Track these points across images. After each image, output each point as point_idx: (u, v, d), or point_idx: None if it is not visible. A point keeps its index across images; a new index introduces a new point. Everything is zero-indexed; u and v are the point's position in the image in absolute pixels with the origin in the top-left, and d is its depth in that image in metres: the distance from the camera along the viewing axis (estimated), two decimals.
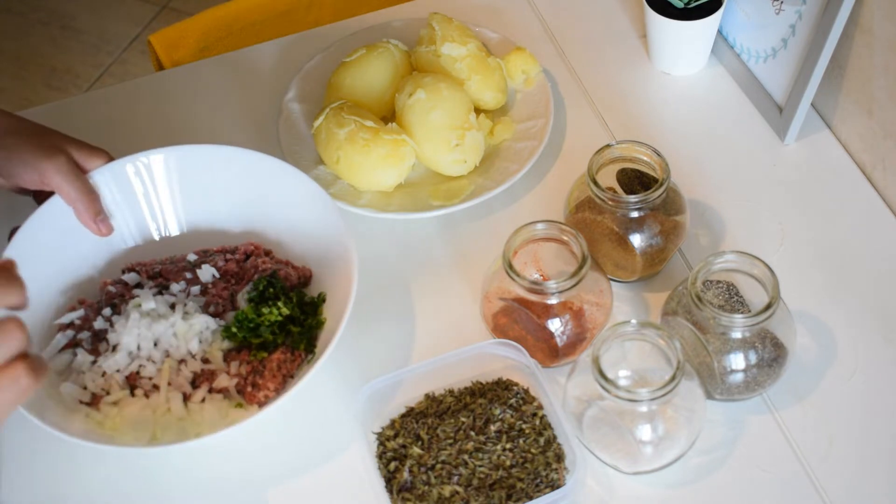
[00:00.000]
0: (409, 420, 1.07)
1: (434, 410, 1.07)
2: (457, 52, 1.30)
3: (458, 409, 1.07)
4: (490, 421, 1.06)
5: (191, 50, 1.55)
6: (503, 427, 1.05)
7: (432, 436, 1.05)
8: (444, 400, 1.08)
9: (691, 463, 1.07)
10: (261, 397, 1.08)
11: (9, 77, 2.63)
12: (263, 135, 1.33)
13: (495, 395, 1.08)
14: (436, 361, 1.10)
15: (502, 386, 1.09)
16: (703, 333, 1.06)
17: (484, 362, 1.11)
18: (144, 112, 1.38)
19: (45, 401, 1.05)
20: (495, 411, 1.06)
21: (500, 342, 1.11)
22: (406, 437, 1.05)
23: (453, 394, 1.09)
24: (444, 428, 1.05)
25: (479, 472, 1.03)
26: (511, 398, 1.07)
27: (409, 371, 1.10)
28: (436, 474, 1.03)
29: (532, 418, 1.06)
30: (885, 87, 1.20)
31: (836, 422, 1.09)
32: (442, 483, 1.02)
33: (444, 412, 1.07)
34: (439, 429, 1.06)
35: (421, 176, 1.29)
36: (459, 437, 1.05)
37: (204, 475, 1.08)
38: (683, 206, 1.17)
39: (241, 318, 1.11)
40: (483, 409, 1.06)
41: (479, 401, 1.07)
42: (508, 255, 1.09)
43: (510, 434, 1.05)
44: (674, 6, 1.32)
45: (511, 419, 1.06)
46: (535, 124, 1.30)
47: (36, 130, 1.15)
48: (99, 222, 1.15)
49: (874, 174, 1.26)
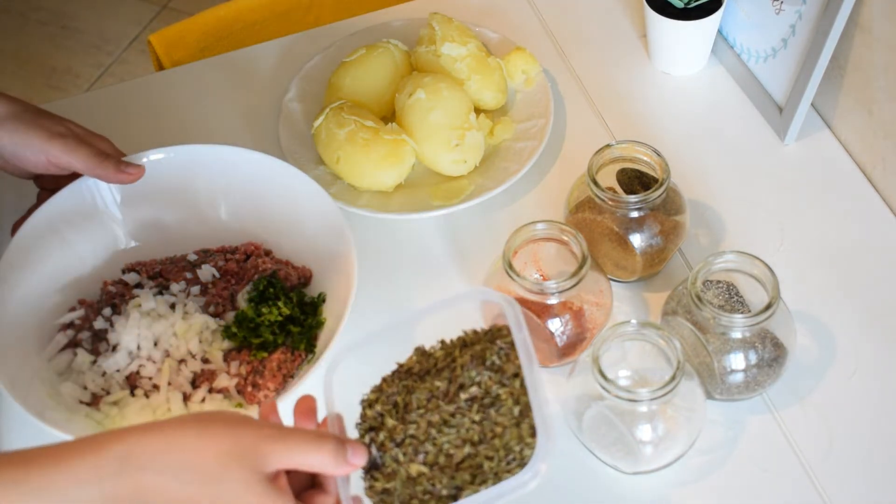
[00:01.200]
0: (394, 381, 0.95)
1: (420, 369, 0.95)
2: (457, 52, 1.30)
3: (442, 369, 0.95)
4: (464, 387, 0.93)
5: (191, 50, 1.55)
6: (478, 393, 0.92)
7: (407, 402, 0.94)
8: (434, 354, 0.96)
9: (691, 463, 1.07)
10: (261, 397, 1.08)
11: (9, 77, 2.63)
12: (263, 135, 1.33)
13: (481, 350, 0.94)
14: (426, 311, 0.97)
15: (492, 336, 0.95)
16: (703, 333, 1.06)
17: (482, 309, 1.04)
18: (144, 112, 1.38)
19: (45, 401, 1.05)
20: (472, 373, 0.93)
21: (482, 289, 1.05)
22: (385, 405, 0.94)
23: (444, 346, 0.97)
24: (418, 394, 0.94)
25: (445, 449, 0.91)
26: (493, 355, 0.94)
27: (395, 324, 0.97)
28: (403, 451, 0.92)
29: (513, 379, 0.92)
30: (885, 87, 1.20)
31: (836, 422, 1.09)
32: (410, 461, 0.91)
33: (426, 372, 0.95)
34: (413, 394, 0.94)
35: (421, 176, 1.29)
36: (430, 407, 0.93)
37: None
38: (683, 206, 1.17)
39: (241, 318, 1.11)
40: (461, 371, 0.93)
41: (464, 357, 0.94)
42: (508, 255, 1.09)
43: (483, 402, 0.92)
44: (674, 6, 1.32)
45: (489, 382, 0.93)
46: (535, 124, 1.30)
47: (39, 113, 1.15)
48: (125, 172, 1.14)
49: (874, 174, 1.26)
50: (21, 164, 1.14)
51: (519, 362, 0.93)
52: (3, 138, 1.12)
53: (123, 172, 1.14)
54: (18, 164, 1.14)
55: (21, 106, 1.14)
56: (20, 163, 1.13)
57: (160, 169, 1.19)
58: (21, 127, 1.12)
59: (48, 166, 1.13)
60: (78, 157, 1.12)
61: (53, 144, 1.12)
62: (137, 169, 1.15)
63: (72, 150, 1.12)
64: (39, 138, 1.12)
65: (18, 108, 1.14)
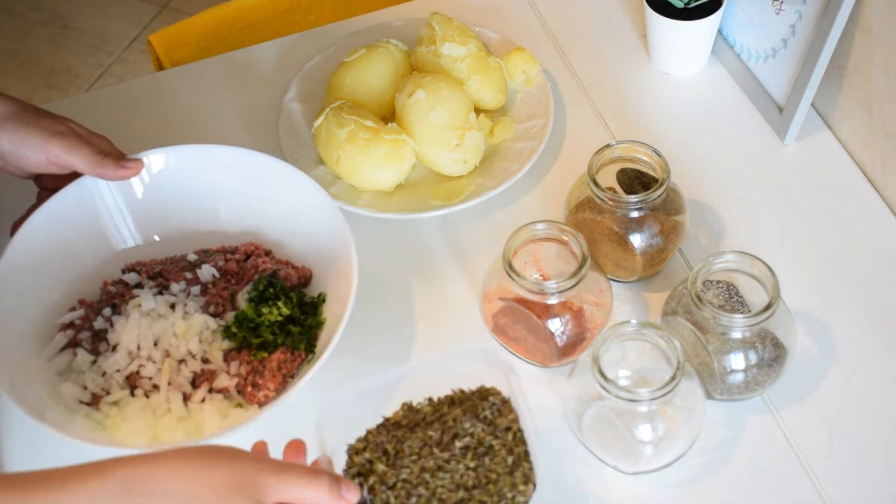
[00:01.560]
0: (381, 432, 0.99)
1: (408, 422, 1.00)
2: (457, 52, 1.30)
3: (433, 421, 0.99)
4: (458, 436, 0.98)
5: (191, 50, 1.55)
6: (471, 443, 0.98)
7: (398, 450, 0.98)
8: (421, 409, 1.01)
9: (691, 463, 1.07)
10: (261, 397, 1.08)
11: (9, 77, 2.63)
12: (263, 135, 1.33)
13: (471, 406, 1.00)
14: (415, 368, 1.04)
15: (481, 395, 1.01)
16: (703, 333, 1.06)
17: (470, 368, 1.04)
18: (144, 112, 1.38)
19: (45, 401, 1.05)
20: (465, 425, 0.98)
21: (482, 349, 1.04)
22: (373, 452, 0.98)
23: (432, 402, 1.01)
24: (410, 442, 0.98)
25: (439, 492, 0.96)
26: (486, 409, 0.99)
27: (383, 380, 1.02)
28: (395, 494, 0.96)
29: (505, 433, 0.98)
30: (885, 87, 1.20)
31: (836, 422, 1.09)
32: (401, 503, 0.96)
33: (417, 424, 1.00)
34: (406, 443, 0.98)
35: (421, 176, 1.29)
36: (424, 454, 0.97)
37: None
38: (683, 206, 1.17)
39: (241, 318, 1.11)
40: (454, 422, 0.99)
41: (454, 412, 0.99)
42: (508, 255, 1.09)
43: (477, 451, 0.97)
44: (674, 6, 1.32)
45: (482, 433, 0.98)
46: (535, 124, 1.30)
47: (39, 113, 1.15)
48: (125, 168, 1.15)
49: (874, 174, 1.26)
50: (21, 164, 1.14)
51: (512, 417, 0.98)
52: (3, 138, 1.12)
53: (124, 168, 1.15)
54: (18, 164, 1.14)
55: (21, 106, 1.14)
56: (20, 163, 1.13)
57: (160, 169, 1.19)
58: (21, 127, 1.12)
59: (48, 166, 1.13)
60: (79, 156, 1.12)
61: (54, 143, 1.12)
62: (136, 163, 1.16)
63: (72, 148, 1.12)
64: (40, 137, 1.12)
65: (18, 108, 1.14)
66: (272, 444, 1.10)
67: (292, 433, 1.10)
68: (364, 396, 1.00)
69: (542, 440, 1.08)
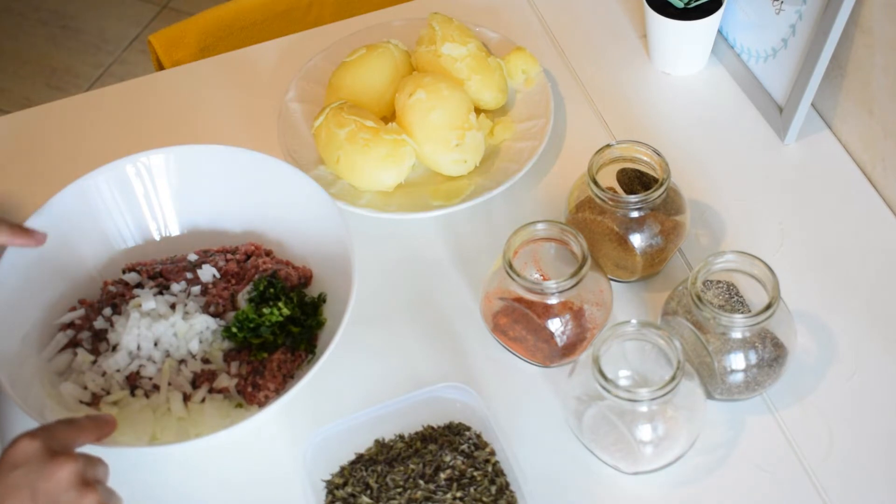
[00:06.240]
0: (358, 467, 1.03)
1: (384, 457, 1.04)
2: (457, 52, 1.30)
3: (409, 456, 1.03)
4: (440, 468, 1.01)
5: (191, 50, 1.55)
6: (454, 475, 1.01)
7: (381, 484, 1.01)
8: (394, 446, 1.04)
9: (691, 463, 1.07)
10: (261, 397, 1.08)
11: (9, 77, 2.63)
12: (263, 135, 1.33)
13: (447, 441, 1.04)
14: (385, 406, 1.06)
15: (454, 431, 1.05)
16: (703, 333, 1.06)
17: (436, 405, 1.07)
18: (144, 112, 1.38)
19: (45, 401, 1.06)
20: (446, 458, 1.02)
21: (452, 385, 1.08)
22: (355, 486, 1.01)
23: (404, 439, 1.05)
24: (393, 476, 1.02)
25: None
26: (463, 444, 1.04)
27: (357, 418, 1.06)
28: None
29: (484, 465, 1.02)
30: (885, 87, 1.20)
31: (836, 422, 1.09)
32: None
33: (394, 459, 1.03)
34: (388, 476, 1.02)
35: (421, 176, 1.29)
36: (409, 486, 1.01)
37: (204, 475, 1.08)
38: (683, 206, 1.17)
39: (242, 318, 1.11)
40: (434, 456, 1.02)
41: (430, 447, 1.03)
42: (508, 255, 1.09)
43: (461, 482, 1.01)
44: (674, 6, 1.32)
45: (462, 466, 1.02)
46: (535, 124, 1.30)
47: None
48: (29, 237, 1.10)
49: (874, 174, 1.26)
50: None
51: (489, 450, 1.03)
52: None
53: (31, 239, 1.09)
54: None
55: None
56: None
57: (160, 169, 1.19)
58: None
59: None
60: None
61: None
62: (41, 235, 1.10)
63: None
64: None
65: None
66: (272, 444, 1.10)
67: (292, 433, 1.11)
68: (340, 434, 1.04)
69: (543, 440, 1.09)
